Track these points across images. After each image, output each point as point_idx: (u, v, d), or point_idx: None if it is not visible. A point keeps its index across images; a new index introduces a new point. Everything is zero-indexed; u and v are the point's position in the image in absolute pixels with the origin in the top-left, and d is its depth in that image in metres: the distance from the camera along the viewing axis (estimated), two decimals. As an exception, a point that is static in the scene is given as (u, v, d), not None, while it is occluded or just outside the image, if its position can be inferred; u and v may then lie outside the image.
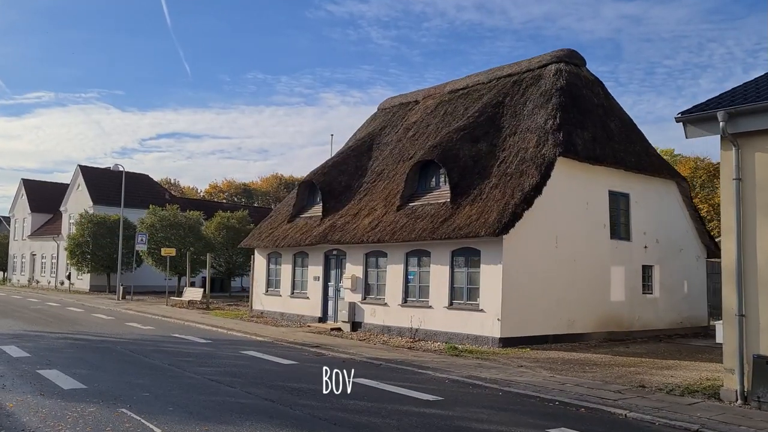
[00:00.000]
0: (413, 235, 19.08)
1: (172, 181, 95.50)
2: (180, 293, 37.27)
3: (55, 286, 51.24)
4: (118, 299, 36.61)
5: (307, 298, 24.26)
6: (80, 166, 50.89)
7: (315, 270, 24.05)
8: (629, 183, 20.86)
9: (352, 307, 21.74)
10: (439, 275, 18.99)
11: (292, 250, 25.08)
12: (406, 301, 20.08)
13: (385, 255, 20.99)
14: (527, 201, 17.32)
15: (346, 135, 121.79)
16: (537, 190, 17.53)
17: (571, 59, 21.71)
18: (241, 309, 30.53)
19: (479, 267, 17.87)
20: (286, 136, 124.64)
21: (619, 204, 20.63)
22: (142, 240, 36.47)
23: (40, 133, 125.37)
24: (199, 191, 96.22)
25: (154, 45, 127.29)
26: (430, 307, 19.12)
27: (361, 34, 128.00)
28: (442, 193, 20.03)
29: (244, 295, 45.01)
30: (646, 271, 21.37)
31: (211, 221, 43.40)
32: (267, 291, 26.67)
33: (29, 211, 56.96)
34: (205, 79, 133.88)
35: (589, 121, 20.16)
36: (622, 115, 22.08)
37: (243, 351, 16.23)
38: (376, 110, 29.37)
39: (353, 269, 22.10)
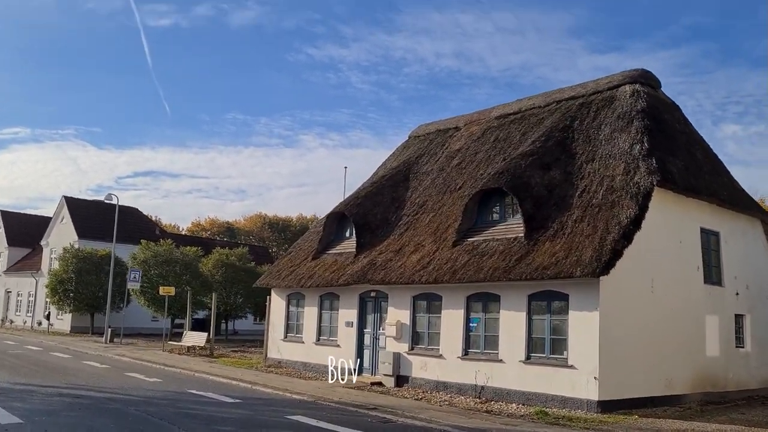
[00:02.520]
0: (481, 275, 16.19)
1: (154, 218, 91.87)
2: (174, 336, 33.68)
3: (32, 326, 47.13)
4: (106, 343, 32.90)
5: (338, 346, 21.06)
6: (65, 197, 47.44)
7: (347, 314, 20.93)
8: (719, 220, 18.30)
9: (397, 358, 18.61)
10: (511, 323, 16.04)
11: (319, 291, 21.97)
12: (467, 353, 17.04)
13: (438, 298, 18.01)
14: (626, 236, 14.56)
15: (322, 177, 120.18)
16: (636, 223, 14.80)
17: (647, 80, 19.32)
18: (251, 356, 27.15)
19: (567, 314, 14.98)
20: (264, 176, 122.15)
21: (710, 244, 18.01)
22: (135, 277, 33.01)
23: (15, 169, 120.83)
24: (180, 229, 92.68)
25: (134, 84, 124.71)
26: (501, 361, 16.11)
27: (341, 78, 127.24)
28: (510, 226, 17.24)
29: (239, 339, 41.52)
30: (738, 321, 18.64)
31: (209, 258, 40.08)
32: (286, 337, 23.40)
33: (6, 244, 52.98)
34: (185, 119, 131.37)
35: (677, 148, 17.67)
36: (704, 144, 19.67)
37: (288, 416, 13.00)
38: (407, 138, 26.71)
39: (397, 314, 19.05)
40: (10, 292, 52.57)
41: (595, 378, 14.12)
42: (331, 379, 19.51)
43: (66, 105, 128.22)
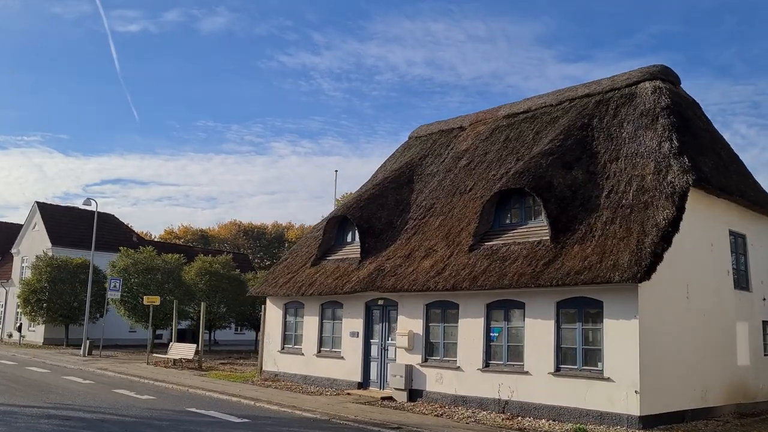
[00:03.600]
0: (505, 282, 15.12)
1: (127, 226, 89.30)
2: (156, 348, 32.01)
3: (1, 338, 44.85)
4: (84, 356, 31.09)
5: (341, 358, 19.80)
6: (38, 203, 45.25)
7: (352, 324, 19.69)
8: (745, 222, 17.54)
9: (409, 370, 17.44)
10: (538, 332, 14.99)
11: (320, 300, 20.70)
12: (488, 365, 15.94)
13: (455, 306, 16.90)
14: (665, 239, 13.63)
15: (294, 184, 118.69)
16: (674, 225, 13.88)
17: (667, 76, 18.54)
18: (243, 369, 25.71)
19: (601, 322, 13.98)
20: (235, 184, 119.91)
21: (738, 247, 17.22)
22: (115, 286, 31.28)
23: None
24: (153, 237, 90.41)
25: (101, 89, 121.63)
26: (526, 373, 15.04)
27: (313, 86, 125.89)
28: (532, 229, 16.24)
29: (222, 349, 39.95)
30: (765, 327, 17.87)
31: (191, 266, 38.45)
32: (283, 348, 22.05)
33: (-27, 252, 50.51)
34: (154, 126, 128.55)
35: (704, 147, 16.87)
36: (725, 143, 18.94)
37: (308, 437, 11.78)
38: (407, 139, 25.63)
39: (409, 323, 17.90)
40: (-22, 302, 50.06)
41: (636, 392, 13.10)
42: (336, 393, 18.26)
43: (32, 111, 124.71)
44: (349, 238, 21.56)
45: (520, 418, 14.51)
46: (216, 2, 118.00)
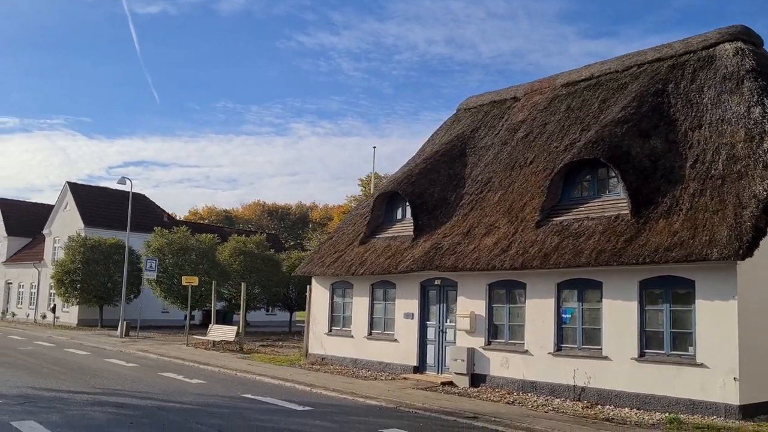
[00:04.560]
0: (582, 260, 13.97)
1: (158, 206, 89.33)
2: (192, 329, 31.39)
3: (35, 319, 44.71)
4: (121, 337, 30.59)
5: (395, 341, 18.85)
6: (69, 183, 44.90)
7: (406, 305, 18.70)
8: (837, 194, 16.12)
9: (471, 354, 16.42)
10: (618, 314, 13.85)
11: (371, 279, 19.73)
12: (560, 349, 14.86)
13: (521, 286, 15.81)
14: (767, 211, 12.39)
15: (314, 165, 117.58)
16: (775, 196, 12.62)
17: (749, 37, 17.09)
18: (284, 352, 24.93)
19: (692, 303, 12.80)
20: (255, 165, 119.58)
21: (831, 221, 15.84)
22: (151, 266, 30.67)
23: (2, 160, 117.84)
24: (178, 217, 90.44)
25: (122, 72, 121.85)
26: (605, 358, 13.93)
27: (332, 66, 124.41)
28: (606, 203, 15.04)
29: (256, 331, 39.27)
30: None
31: (225, 246, 37.77)
32: (330, 330, 21.17)
33: (5, 234, 50.32)
34: (174, 108, 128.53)
35: (795, 113, 15.47)
36: (812, 110, 17.46)
37: (383, 429, 10.80)
38: (455, 111, 24.39)
39: (470, 304, 16.85)
40: (11, 283, 50.01)
41: (735, 379, 11.96)
42: (391, 377, 17.35)
43: (55, 94, 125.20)
44: (399, 215, 20.52)
45: (600, 406, 13.45)
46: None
